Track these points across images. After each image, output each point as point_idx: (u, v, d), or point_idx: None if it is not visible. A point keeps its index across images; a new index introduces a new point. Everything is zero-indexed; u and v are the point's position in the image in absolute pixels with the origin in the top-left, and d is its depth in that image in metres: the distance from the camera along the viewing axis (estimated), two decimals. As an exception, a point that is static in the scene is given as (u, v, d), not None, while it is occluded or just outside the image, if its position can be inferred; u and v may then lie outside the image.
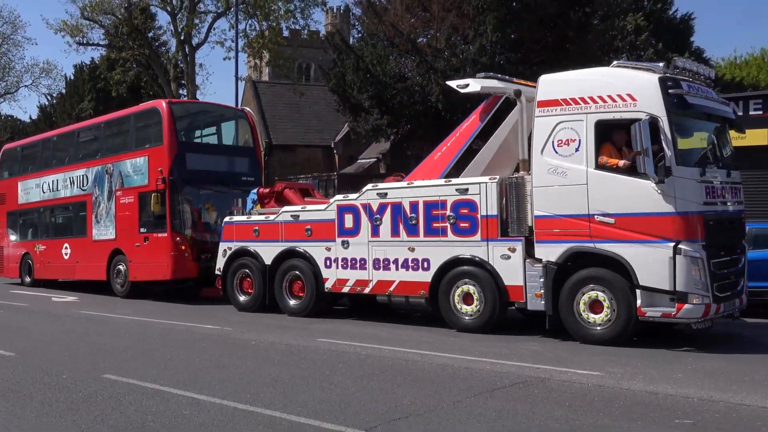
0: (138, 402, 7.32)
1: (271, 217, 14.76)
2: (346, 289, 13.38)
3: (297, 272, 14.09)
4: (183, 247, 16.82)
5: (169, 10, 35.36)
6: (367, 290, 13.00)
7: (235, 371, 8.84)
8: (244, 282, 15.17)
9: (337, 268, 13.40)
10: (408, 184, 12.58)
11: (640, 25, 33.81)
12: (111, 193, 18.63)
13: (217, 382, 8.17)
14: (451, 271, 11.83)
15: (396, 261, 12.54)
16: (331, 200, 13.74)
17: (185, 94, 36.92)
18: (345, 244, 13.25)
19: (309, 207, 14.21)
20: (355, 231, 13.15)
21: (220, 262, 15.54)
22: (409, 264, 12.37)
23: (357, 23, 29.04)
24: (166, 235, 16.92)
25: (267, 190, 16.30)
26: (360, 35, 27.99)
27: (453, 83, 12.74)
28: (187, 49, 35.39)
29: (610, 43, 30.43)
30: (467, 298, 11.65)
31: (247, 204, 16.32)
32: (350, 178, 30.56)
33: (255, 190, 16.55)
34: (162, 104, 17.49)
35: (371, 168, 35.87)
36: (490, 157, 12.42)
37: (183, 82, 37.45)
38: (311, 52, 60.45)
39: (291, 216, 14.31)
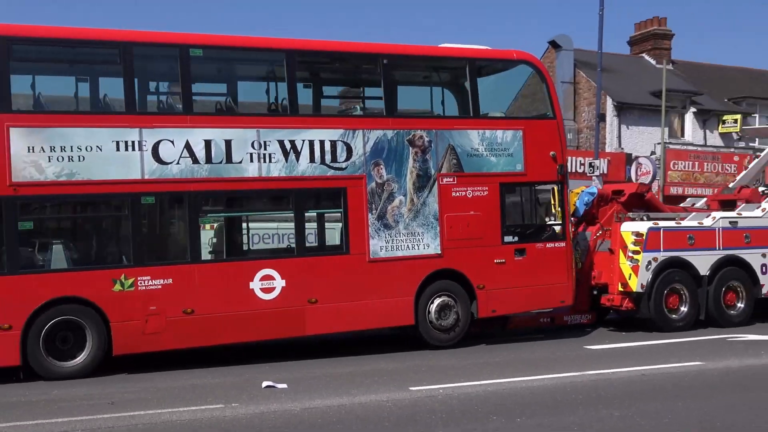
0: None
1: (706, 222, 16.24)
2: (780, 294, 17.08)
3: (735, 281, 16.44)
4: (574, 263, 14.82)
5: None
6: (801, 293, 17.27)
7: None
8: (670, 298, 15.77)
9: (772, 274, 16.95)
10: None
11: None
12: (427, 179, 13.27)
13: None
14: None
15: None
16: (766, 207, 16.92)
17: None
18: (780, 251, 17.04)
19: (745, 213, 16.71)
20: (788, 238, 17.17)
21: (644, 278, 15.41)
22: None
23: None
24: (563, 245, 14.44)
25: (610, 190, 16.65)
26: None
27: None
28: None
29: None
30: None
31: (579, 208, 16.29)
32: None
33: (591, 189, 16.53)
34: (532, 60, 14.31)
35: None
36: None
37: None
38: None
39: (729, 222, 16.46)
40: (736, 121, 31.27)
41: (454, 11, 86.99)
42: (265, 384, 10.30)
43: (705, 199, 19.41)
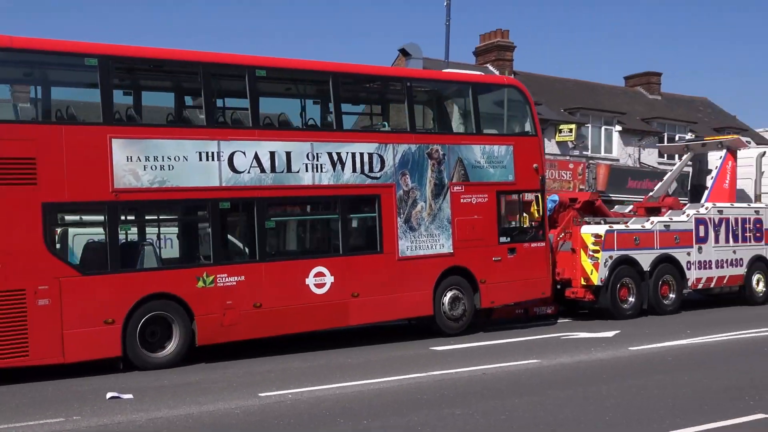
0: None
1: (647, 225, 19.26)
2: (700, 286, 20.38)
3: (668, 276, 19.59)
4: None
5: None
6: (712, 285, 20.66)
7: None
8: (622, 290, 18.66)
9: (694, 269, 20.22)
10: (730, 205, 21.28)
11: None
12: (441, 187, 15.37)
13: None
14: (752, 265, 21.69)
15: (726, 261, 21.05)
16: (689, 212, 20.17)
17: None
18: (699, 250, 20.36)
19: (674, 218, 19.86)
20: (705, 239, 20.53)
21: (603, 273, 18.21)
22: (733, 262, 21.22)
23: None
24: (543, 244, 16.96)
25: (568, 198, 19.37)
26: None
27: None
28: None
29: None
30: (758, 283, 21.86)
31: None
32: None
33: (553, 198, 19.24)
34: (519, 85, 16.71)
35: None
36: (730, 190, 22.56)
37: None
38: None
39: (663, 225, 19.57)
40: (571, 130, 34.34)
41: (306, 17, 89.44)
42: (109, 395, 10.30)
43: (632, 206, 22.59)
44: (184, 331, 12.60)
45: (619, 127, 35.57)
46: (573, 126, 33.88)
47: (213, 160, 12.89)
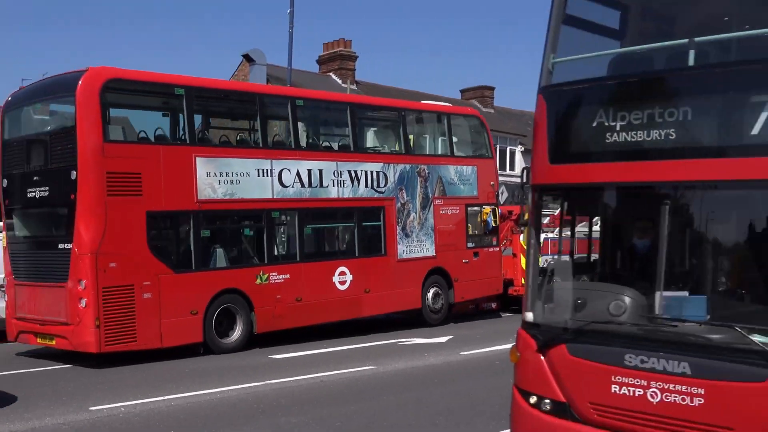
0: None
1: (567, 233, 23.15)
2: (605, 284, 24.55)
3: (583, 276, 23.64)
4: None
5: None
6: (614, 283, 24.93)
7: None
8: (552, 290, 22.47)
9: (602, 270, 24.41)
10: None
11: None
12: (427, 201, 18.49)
13: None
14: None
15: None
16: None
17: None
18: (605, 254, 24.58)
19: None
20: (609, 245, 24.77)
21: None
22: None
23: None
24: (497, 249, 20.44)
25: (506, 210, 23.03)
26: None
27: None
28: None
29: None
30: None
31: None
32: None
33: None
34: (479, 114, 20.11)
35: None
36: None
37: None
38: None
39: (584, 234, 23.52)
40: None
41: (145, 25, 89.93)
42: None
43: (549, 217, 26.55)
44: (245, 321, 15.05)
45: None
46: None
47: (267, 176, 15.45)
